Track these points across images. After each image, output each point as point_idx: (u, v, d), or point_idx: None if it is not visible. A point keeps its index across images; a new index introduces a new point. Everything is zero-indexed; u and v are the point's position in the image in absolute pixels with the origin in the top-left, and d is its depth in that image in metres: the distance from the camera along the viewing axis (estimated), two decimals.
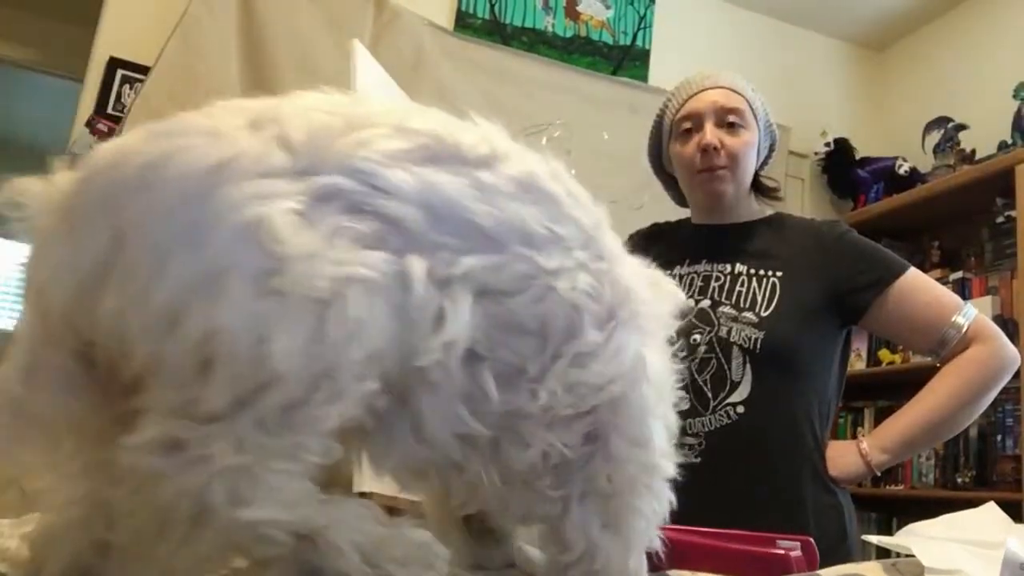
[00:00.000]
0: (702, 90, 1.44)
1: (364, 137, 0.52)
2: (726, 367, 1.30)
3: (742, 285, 1.36)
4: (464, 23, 2.91)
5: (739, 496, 1.25)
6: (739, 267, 1.38)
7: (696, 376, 1.31)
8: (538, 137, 2.48)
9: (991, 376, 1.30)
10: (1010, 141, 2.82)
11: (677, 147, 1.45)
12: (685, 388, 1.28)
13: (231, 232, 0.44)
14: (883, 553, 1.37)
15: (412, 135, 0.55)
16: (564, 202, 0.60)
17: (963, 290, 2.80)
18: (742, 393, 1.28)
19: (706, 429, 1.28)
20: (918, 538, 0.64)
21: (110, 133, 2.33)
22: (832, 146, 3.32)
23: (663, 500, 0.62)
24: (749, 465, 1.27)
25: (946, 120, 3.10)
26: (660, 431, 0.62)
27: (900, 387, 2.95)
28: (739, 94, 1.43)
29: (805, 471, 1.29)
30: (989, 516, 0.68)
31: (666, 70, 3.14)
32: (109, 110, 2.44)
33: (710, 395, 1.30)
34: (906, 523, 0.69)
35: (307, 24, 2.50)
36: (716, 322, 1.33)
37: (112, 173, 0.47)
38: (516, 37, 2.98)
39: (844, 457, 1.31)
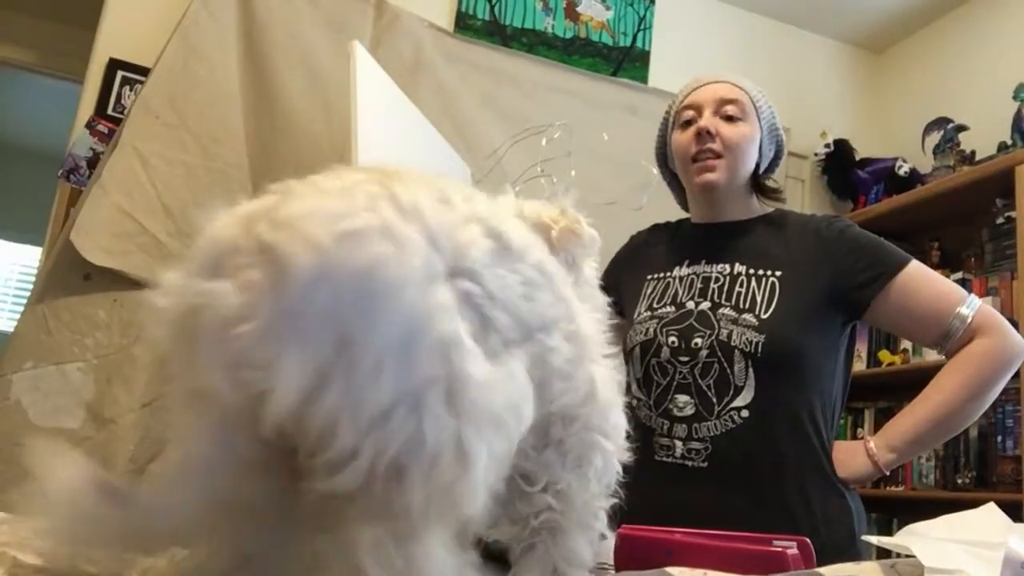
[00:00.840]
0: (705, 84, 1.44)
1: (470, 236, 0.57)
2: (729, 371, 1.28)
3: (741, 286, 1.34)
4: (464, 24, 2.91)
5: (747, 500, 1.24)
6: (738, 267, 1.37)
7: (700, 381, 1.30)
8: (538, 138, 2.48)
9: (998, 368, 1.27)
10: (1010, 142, 2.82)
11: (676, 136, 1.45)
12: (690, 393, 1.28)
13: (430, 347, 0.49)
14: (883, 553, 1.37)
15: (486, 230, 0.60)
16: (557, 281, 0.67)
17: None
18: (746, 397, 1.27)
19: (711, 434, 1.27)
20: (918, 538, 0.64)
21: (110, 134, 2.33)
22: (832, 147, 3.32)
23: (620, 435, 0.73)
24: (756, 469, 1.25)
25: (946, 121, 3.10)
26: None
27: (900, 388, 2.95)
28: (741, 89, 1.42)
29: (812, 473, 1.28)
30: (989, 516, 0.68)
31: (666, 71, 3.14)
32: (109, 111, 2.44)
33: (714, 400, 1.28)
34: (906, 523, 0.69)
35: (307, 26, 2.51)
36: (716, 325, 1.31)
37: (328, 283, 0.49)
38: (516, 38, 2.98)
39: (851, 458, 1.29)
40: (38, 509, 0.57)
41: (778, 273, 1.33)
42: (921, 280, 1.31)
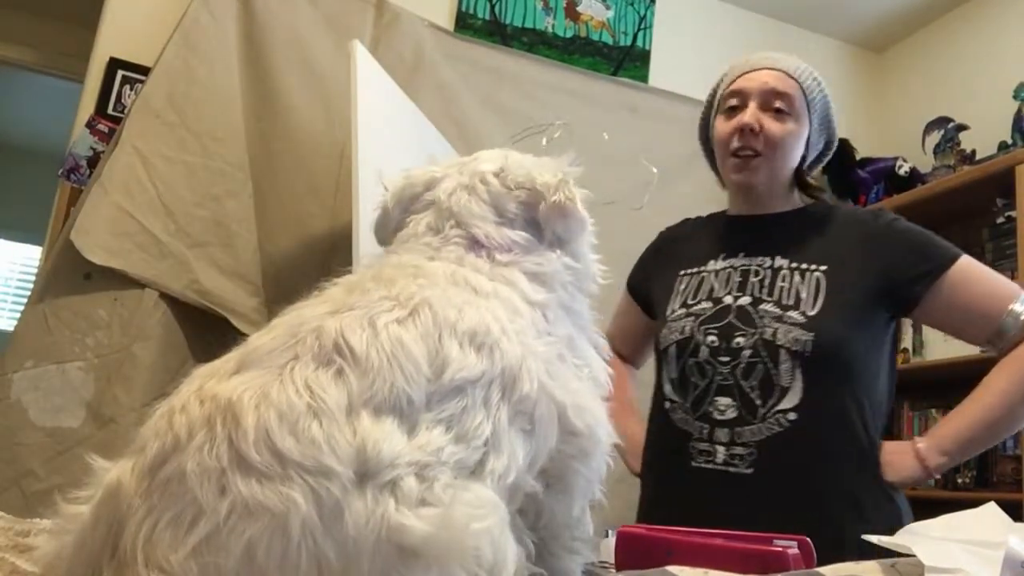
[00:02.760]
0: (755, 69, 1.34)
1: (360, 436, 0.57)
2: (774, 372, 1.21)
3: (784, 280, 1.27)
4: (464, 24, 2.91)
5: (795, 507, 1.16)
6: (779, 261, 1.29)
7: (743, 382, 1.22)
8: (538, 137, 2.48)
9: None
10: (1010, 141, 2.82)
11: (719, 123, 1.37)
12: (731, 395, 1.22)
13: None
14: (883, 553, 1.36)
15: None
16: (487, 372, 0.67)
17: None
18: (792, 399, 1.20)
19: (756, 438, 1.20)
20: (918, 538, 0.64)
21: (110, 134, 2.33)
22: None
23: (601, 464, 0.71)
24: (805, 475, 1.19)
25: (946, 120, 3.10)
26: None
27: (901, 387, 2.94)
28: (795, 80, 1.32)
29: (863, 478, 1.22)
30: (989, 516, 0.68)
31: (666, 71, 3.14)
32: (109, 110, 2.44)
33: (758, 402, 1.21)
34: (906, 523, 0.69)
35: (307, 25, 2.50)
36: (759, 323, 1.24)
37: None
38: (516, 38, 2.98)
39: (900, 460, 1.23)
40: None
41: (823, 268, 1.26)
42: (973, 276, 1.26)
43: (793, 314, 1.22)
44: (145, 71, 2.36)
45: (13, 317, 5.08)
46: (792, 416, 1.19)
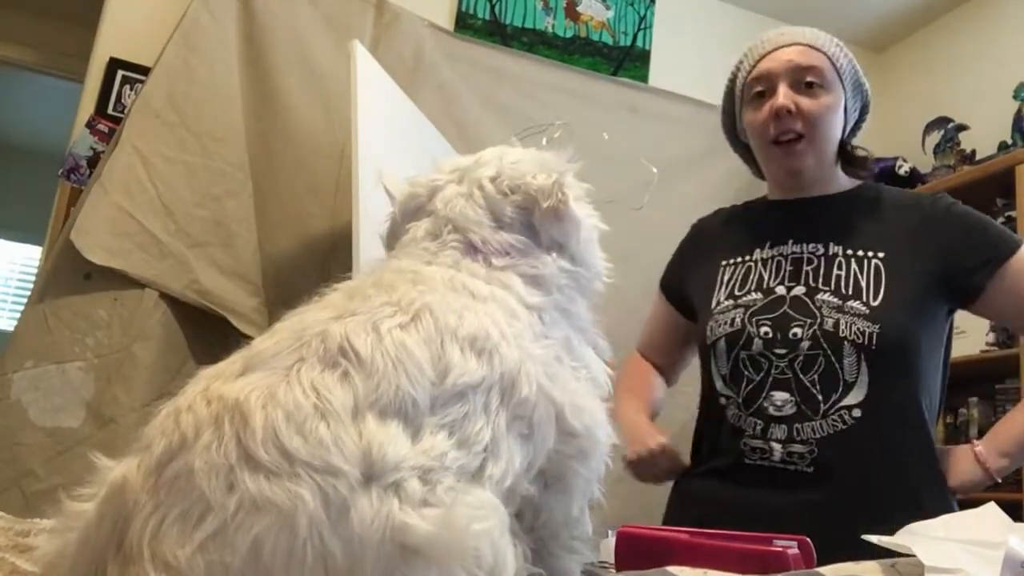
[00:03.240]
0: (776, 48, 1.28)
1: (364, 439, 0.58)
2: (837, 366, 1.14)
3: (840, 268, 1.19)
4: (464, 24, 2.91)
5: (860, 510, 1.08)
6: (833, 247, 1.22)
7: (802, 376, 1.15)
8: (538, 137, 2.48)
9: None
10: (1010, 141, 2.82)
11: (749, 114, 1.29)
12: (789, 389, 1.15)
13: None
14: (883, 553, 1.36)
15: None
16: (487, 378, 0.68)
17: None
18: (858, 395, 1.13)
19: (817, 436, 1.13)
20: (918, 538, 0.64)
21: (110, 134, 2.33)
22: None
23: (600, 464, 0.71)
24: (870, 475, 1.12)
25: (946, 120, 3.10)
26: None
27: None
28: (819, 51, 1.27)
29: (928, 481, 1.16)
30: (989, 516, 0.68)
31: (666, 71, 3.14)
32: (109, 110, 2.44)
33: (820, 397, 1.14)
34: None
35: (307, 25, 2.50)
36: (818, 313, 1.16)
37: None
38: (516, 38, 2.98)
39: (960, 464, 1.18)
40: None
41: (880, 254, 1.19)
42: None
43: (855, 304, 1.15)
44: (145, 71, 2.36)
45: (13, 317, 5.08)
46: (857, 413, 1.13)
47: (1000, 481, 1.20)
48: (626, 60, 3.13)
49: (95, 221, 2.08)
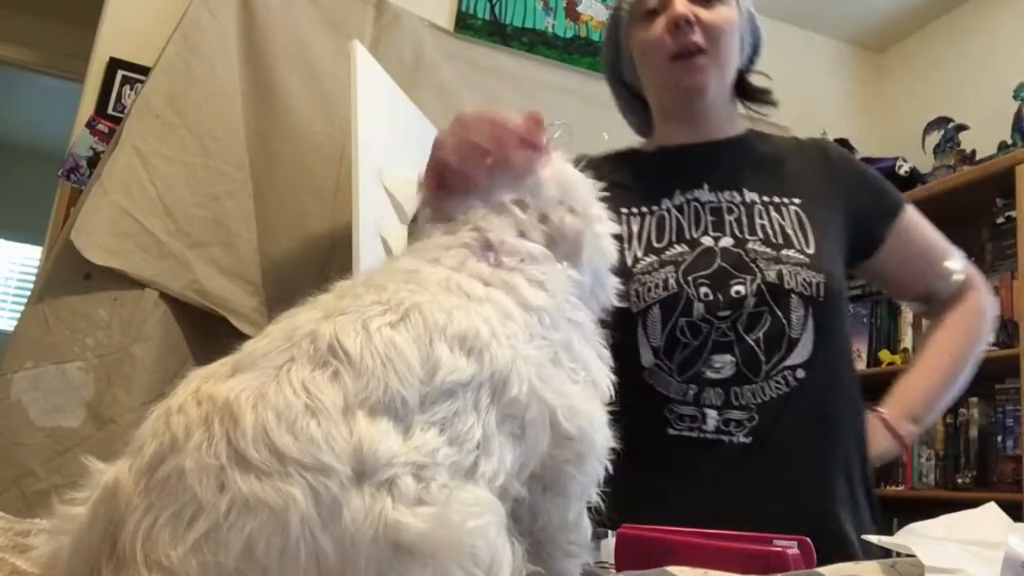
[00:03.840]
0: None
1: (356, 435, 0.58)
2: (784, 322, 1.02)
3: (762, 217, 1.10)
4: (464, 24, 2.91)
5: (805, 485, 1.01)
6: (749, 194, 1.12)
7: (746, 336, 1.03)
8: None
9: (987, 329, 1.20)
10: (1010, 141, 2.82)
11: (640, 33, 1.16)
12: (731, 351, 1.02)
13: None
14: (883, 553, 1.37)
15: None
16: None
17: None
18: (802, 353, 1.02)
19: (757, 400, 1.01)
20: (918, 538, 0.64)
21: (110, 134, 2.33)
22: None
23: (598, 467, 0.69)
24: (809, 446, 1.02)
25: (946, 120, 3.10)
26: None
27: None
28: None
29: (860, 452, 1.08)
30: (989, 516, 0.68)
31: None
32: (109, 110, 2.44)
33: (763, 357, 1.02)
34: (906, 523, 0.69)
35: (307, 25, 2.50)
36: (755, 266, 1.05)
37: None
38: (516, 38, 2.98)
39: (874, 436, 1.11)
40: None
41: (796, 200, 1.11)
42: (919, 222, 1.19)
43: (790, 253, 1.05)
44: (145, 71, 2.36)
45: (13, 317, 5.09)
46: (800, 374, 1.02)
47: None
48: None
49: (95, 221, 2.09)
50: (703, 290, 1.05)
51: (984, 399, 2.66)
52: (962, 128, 3.05)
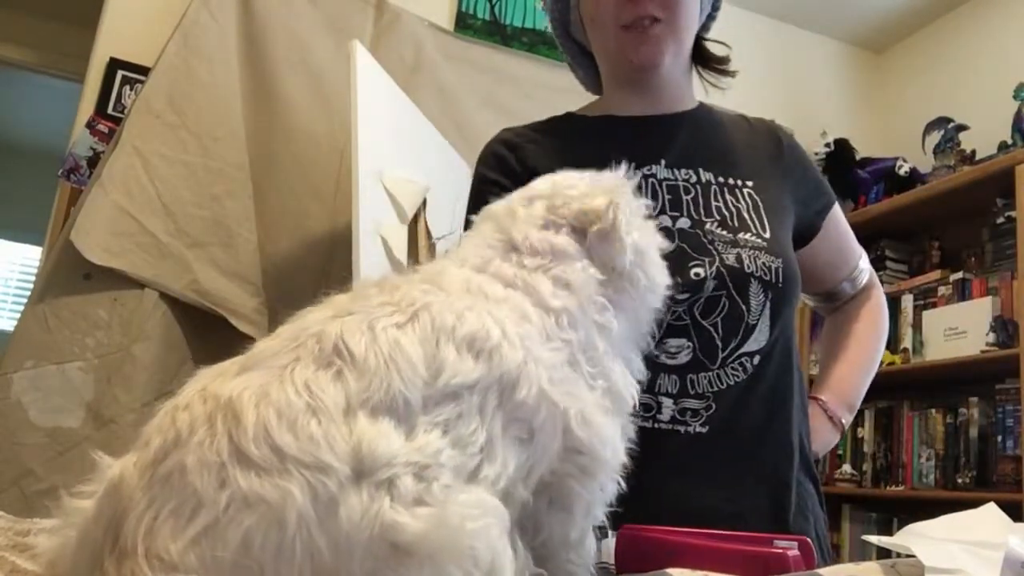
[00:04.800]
0: None
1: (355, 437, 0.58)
2: (743, 307, 0.99)
3: (717, 199, 1.05)
4: (464, 24, 2.91)
5: (762, 472, 0.99)
6: (704, 174, 1.06)
7: (702, 320, 0.99)
8: None
9: (887, 325, 1.26)
10: (1010, 141, 2.82)
11: None
12: (687, 335, 0.98)
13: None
14: (883, 553, 1.37)
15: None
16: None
17: (963, 290, 2.80)
18: (759, 339, 1.00)
19: (714, 388, 0.98)
20: (918, 538, 0.64)
21: (110, 134, 2.33)
22: (832, 147, 3.33)
23: (607, 485, 0.68)
24: (772, 433, 1.00)
25: (946, 120, 3.10)
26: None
27: (900, 388, 2.95)
28: None
29: (805, 442, 1.06)
30: (989, 516, 0.68)
31: None
32: (109, 111, 2.44)
33: (720, 343, 0.98)
34: (906, 523, 0.69)
35: (307, 25, 2.51)
36: (712, 248, 1.00)
37: None
38: (516, 38, 2.98)
39: (820, 430, 1.12)
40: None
41: (749, 183, 1.07)
42: (842, 219, 1.20)
43: (747, 236, 1.02)
44: (145, 71, 2.36)
45: (13, 317, 5.09)
46: (756, 360, 0.99)
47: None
48: None
49: (95, 221, 2.09)
50: None
51: (984, 399, 2.66)
52: (962, 128, 3.05)
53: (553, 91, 2.91)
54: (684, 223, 1.02)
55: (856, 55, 3.68)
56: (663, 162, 1.07)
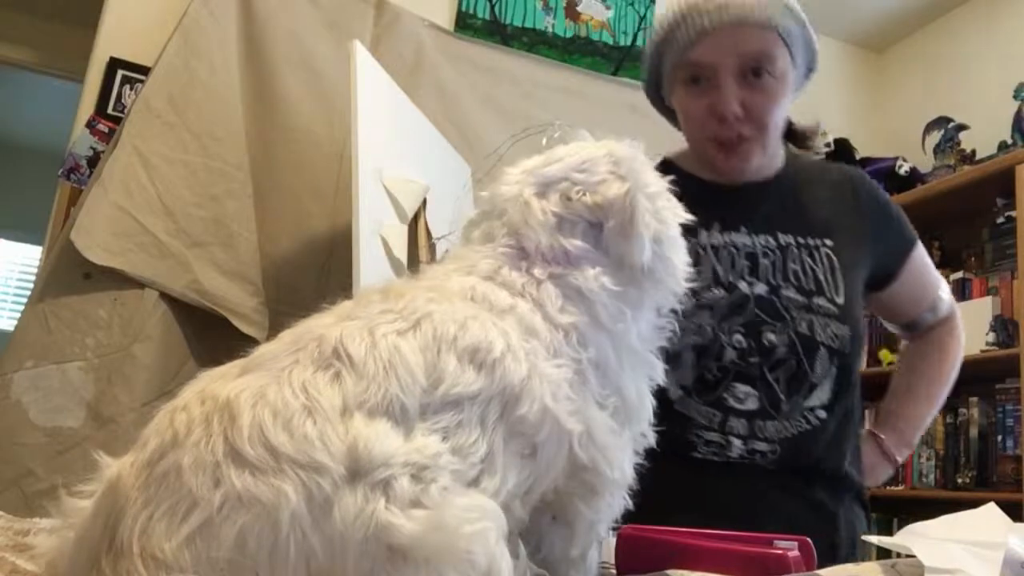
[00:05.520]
0: (719, 27, 1.04)
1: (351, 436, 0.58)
2: (807, 367, 1.07)
3: (795, 261, 1.10)
4: (464, 24, 2.91)
5: (813, 503, 1.07)
6: (784, 237, 1.12)
7: (767, 373, 1.06)
8: (538, 137, 2.48)
9: (962, 354, 1.28)
10: (1010, 141, 2.82)
11: (681, 95, 1.12)
12: (752, 383, 1.06)
13: None
14: (883, 553, 1.37)
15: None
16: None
17: (963, 290, 2.80)
18: (822, 396, 1.08)
19: (781, 435, 1.05)
20: (918, 538, 0.64)
21: (110, 134, 2.33)
22: (832, 146, 3.32)
23: (613, 504, 0.68)
24: (834, 471, 1.09)
25: (946, 120, 3.10)
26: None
27: None
28: (772, 28, 1.05)
29: (857, 483, 1.15)
30: (989, 516, 0.67)
31: None
32: (109, 110, 2.44)
33: (783, 396, 1.06)
34: (906, 523, 0.69)
35: (307, 25, 2.51)
36: (787, 314, 1.07)
37: None
38: (516, 37, 2.98)
39: (876, 467, 1.20)
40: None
41: (828, 242, 1.12)
42: (923, 255, 1.24)
43: (820, 301, 1.08)
44: (145, 71, 2.36)
45: (13, 317, 5.09)
46: (821, 414, 1.07)
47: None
48: (626, 60, 3.13)
49: (95, 221, 2.09)
50: (736, 337, 1.07)
51: (984, 399, 2.66)
52: (962, 128, 3.05)
53: (553, 91, 2.92)
54: (761, 289, 1.09)
55: (856, 55, 3.68)
56: (744, 229, 1.12)
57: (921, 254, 1.23)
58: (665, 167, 1.18)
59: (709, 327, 1.07)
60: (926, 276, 1.25)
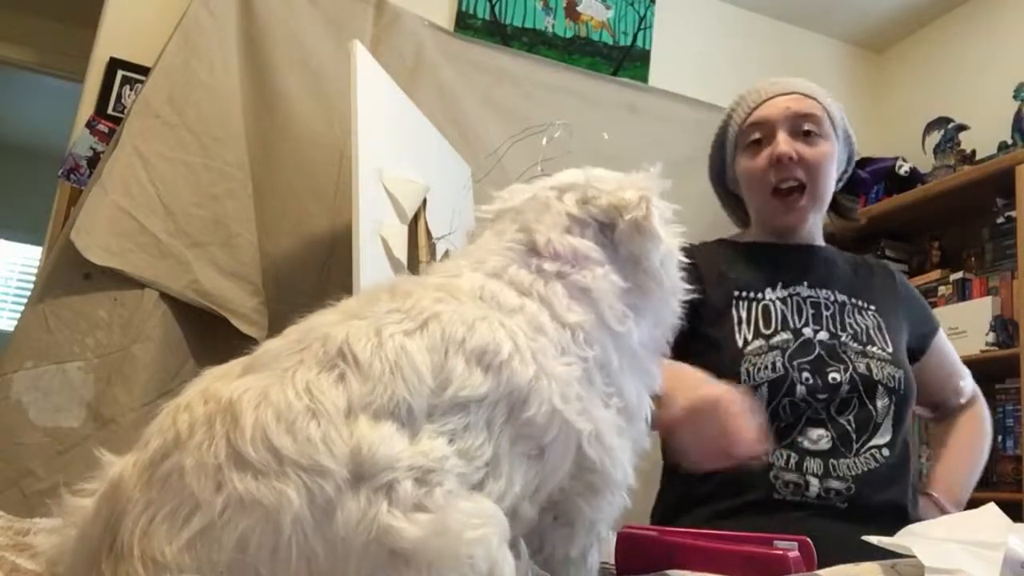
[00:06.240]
0: (772, 96, 1.29)
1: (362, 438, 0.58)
2: (870, 407, 1.18)
3: (849, 315, 1.25)
4: (464, 24, 2.91)
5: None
6: (839, 295, 1.27)
7: (837, 416, 1.17)
8: (538, 137, 2.48)
9: (990, 432, 1.43)
10: (1010, 141, 2.82)
11: (745, 161, 1.30)
12: (824, 427, 1.17)
13: None
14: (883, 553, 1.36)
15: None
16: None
17: (963, 290, 2.80)
18: (884, 435, 1.18)
19: (853, 473, 1.14)
20: (918, 538, 0.64)
21: (110, 134, 2.33)
22: None
23: (614, 504, 0.68)
24: (895, 511, 1.16)
25: (946, 120, 3.10)
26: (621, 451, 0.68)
27: None
28: (814, 99, 1.29)
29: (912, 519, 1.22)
30: (989, 516, 0.68)
31: (666, 70, 3.14)
32: (109, 111, 2.44)
33: (854, 436, 1.17)
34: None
35: (307, 25, 2.50)
36: (846, 357, 1.20)
37: None
38: (516, 38, 2.98)
39: (930, 516, 1.26)
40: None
41: (872, 307, 1.27)
42: (947, 341, 1.40)
43: (874, 349, 1.21)
44: (145, 71, 2.36)
45: (13, 317, 5.08)
46: (886, 452, 1.17)
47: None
48: (626, 60, 3.13)
49: (95, 221, 2.08)
50: (805, 375, 1.18)
51: (984, 399, 2.65)
52: (962, 128, 3.05)
53: (552, 91, 2.92)
54: (823, 335, 1.22)
55: (856, 54, 3.68)
56: (805, 283, 1.27)
57: (946, 341, 1.40)
58: (721, 243, 1.39)
59: (781, 364, 1.19)
60: (952, 358, 1.42)
